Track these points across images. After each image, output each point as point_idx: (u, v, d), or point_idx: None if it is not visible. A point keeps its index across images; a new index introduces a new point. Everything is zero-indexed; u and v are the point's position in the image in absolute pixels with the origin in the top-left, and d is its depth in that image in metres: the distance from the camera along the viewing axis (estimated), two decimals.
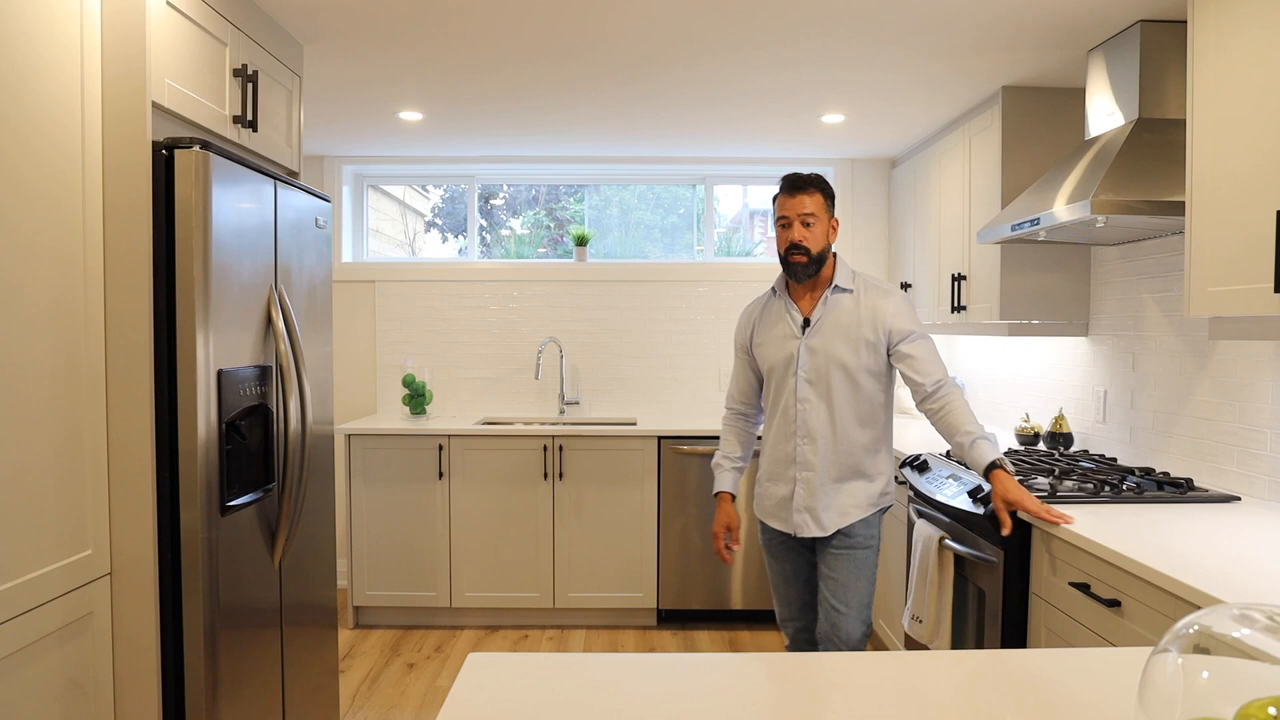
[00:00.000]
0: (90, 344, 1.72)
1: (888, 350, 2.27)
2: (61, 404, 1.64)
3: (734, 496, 2.47)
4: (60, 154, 1.63)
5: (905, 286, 4.10)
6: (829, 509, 2.28)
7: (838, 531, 2.29)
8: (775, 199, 2.34)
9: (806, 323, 2.30)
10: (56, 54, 1.61)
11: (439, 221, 4.87)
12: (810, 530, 2.29)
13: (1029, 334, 3.12)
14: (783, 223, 2.29)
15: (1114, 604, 1.78)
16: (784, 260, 2.30)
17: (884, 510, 2.35)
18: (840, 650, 2.32)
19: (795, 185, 2.28)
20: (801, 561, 2.40)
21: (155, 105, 1.79)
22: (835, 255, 2.34)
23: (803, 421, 2.29)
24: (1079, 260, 3.10)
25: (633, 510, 3.84)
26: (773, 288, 2.42)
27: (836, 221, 2.33)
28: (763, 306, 2.43)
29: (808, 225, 2.25)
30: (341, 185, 4.43)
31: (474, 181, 4.56)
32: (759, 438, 2.47)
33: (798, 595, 2.42)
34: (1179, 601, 1.60)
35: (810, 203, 2.26)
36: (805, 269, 2.27)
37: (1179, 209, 2.17)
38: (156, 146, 1.78)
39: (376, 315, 4.45)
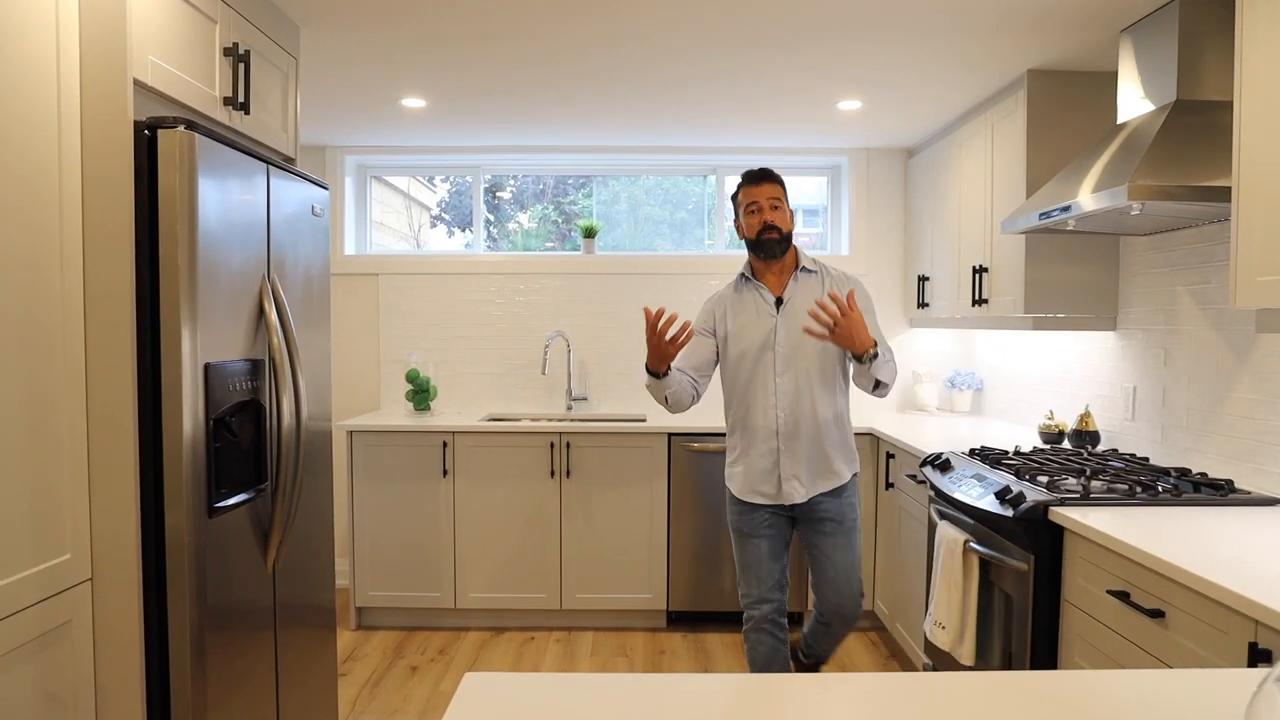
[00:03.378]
0: (69, 336, 1.62)
1: None
2: (38, 400, 1.54)
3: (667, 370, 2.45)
4: (35, 134, 1.53)
5: (923, 279, 3.99)
6: (812, 475, 2.49)
7: (828, 517, 2.51)
8: (738, 193, 2.56)
9: (779, 301, 2.52)
10: (29, 28, 1.51)
11: (445, 216, 4.77)
12: (798, 496, 2.48)
13: (1054, 328, 3.00)
14: (753, 208, 2.51)
15: (1157, 614, 1.67)
16: (756, 241, 2.50)
17: (857, 480, 2.58)
18: (852, 626, 2.58)
19: (760, 177, 2.52)
20: (780, 541, 2.55)
21: (137, 83, 1.69)
22: (794, 244, 2.57)
23: (782, 392, 2.48)
24: (1107, 251, 2.98)
25: (642, 509, 3.74)
26: (741, 275, 2.59)
27: (793, 212, 2.56)
28: (730, 296, 2.59)
29: (776, 208, 2.50)
30: (344, 176, 4.33)
31: (479, 172, 4.45)
32: (694, 399, 2.57)
33: (773, 573, 2.53)
34: (1231, 614, 1.48)
35: (775, 190, 2.51)
36: (778, 245, 2.50)
37: (1223, 194, 2.05)
38: (139, 126, 1.68)
39: (380, 309, 4.35)
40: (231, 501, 1.90)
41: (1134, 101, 2.48)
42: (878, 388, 2.43)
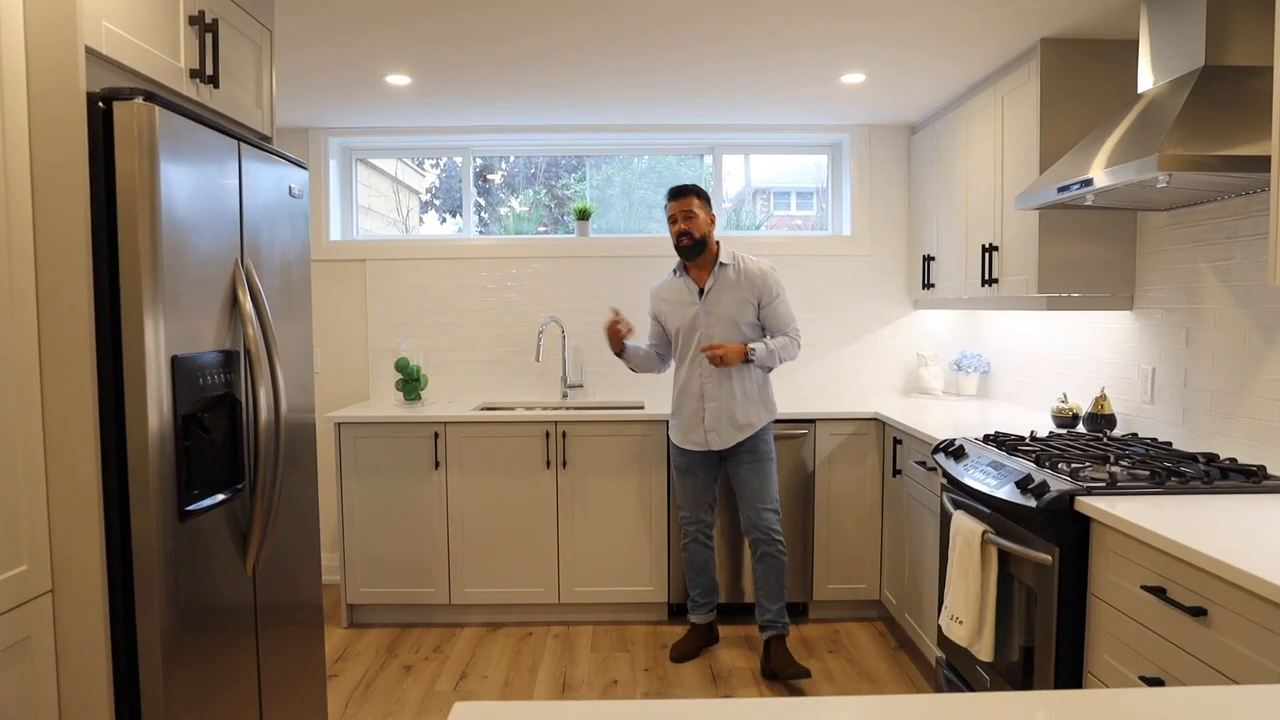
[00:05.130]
0: (19, 329, 1.49)
1: (759, 306, 3.12)
2: None
3: (625, 348, 3.23)
4: None
5: (928, 259, 3.86)
6: (729, 428, 3.13)
7: (747, 450, 3.16)
8: (665, 205, 3.15)
9: (701, 291, 3.13)
10: None
11: (436, 202, 4.62)
12: (715, 444, 3.15)
13: (1068, 308, 2.89)
14: (671, 219, 3.12)
15: (1199, 613, 1.56)
16: (677, 245, 3.12)
17: (770, 425, 3.22)
18: (771, 537, 3.16)
19: (677, 193, 3.12)
20: (709, 476, 3.26)
21: (90, 51, 1.55)
22: (719, 243, 3.17)
23: (706, 366, 3.11)
24: (1123, 227, 2.86)
25: (641, 499, 3.62)
26: (674, 270, 3.23)
27: (713, 216, 3.15)
28: (666, 285, 3.26)
29: (690, 218, 3.08)
30: (328, 159, 4.18)
31: (469, 153, 4.31)
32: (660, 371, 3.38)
33: (705, 499, 3.27)
34: None
35: (689, 203, 3.09)
36: (692, 249, 3.11)
37: (1259, 164, 1.93)
38: (92, 98, 1.54)
39: (368, 296, 4.21)
40: (205, 503, 1.77)
41: (1156, 69, 2.35)
42: (780, 362, 3.15)
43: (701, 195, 3.12)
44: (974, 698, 1.02)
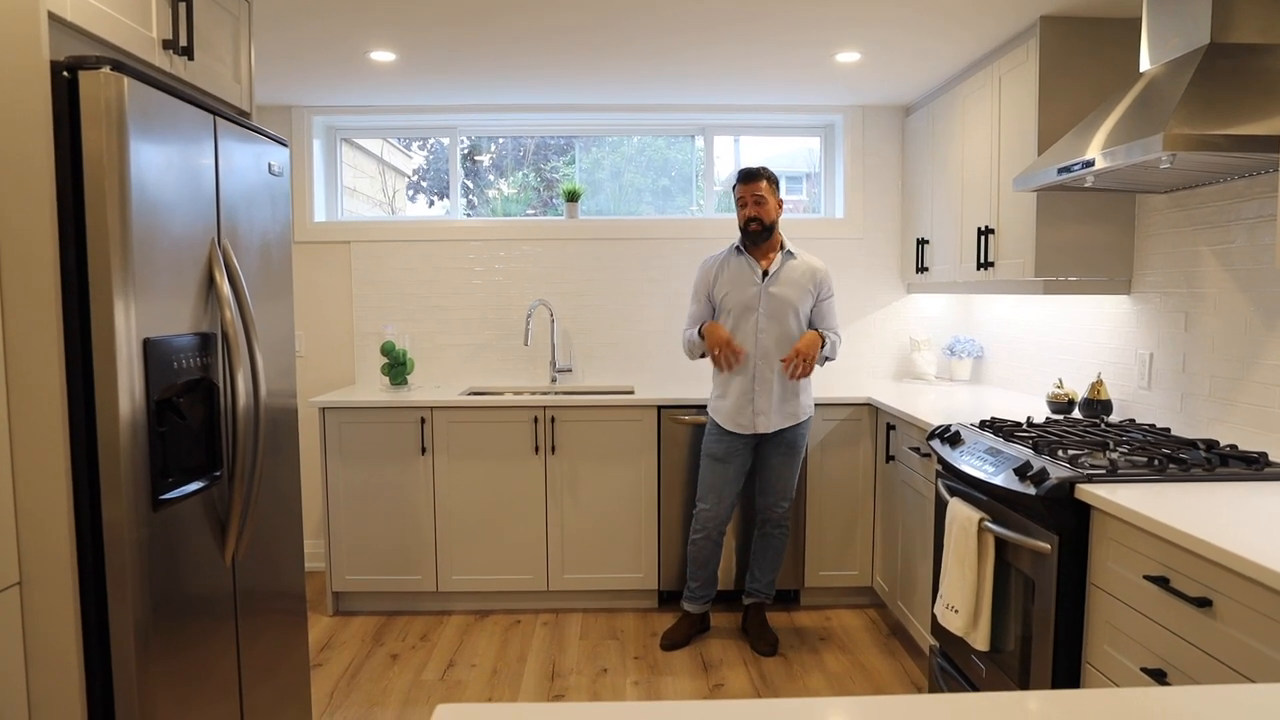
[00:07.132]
0: None
1: (816, 299, 3.15)
2: None
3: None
4: None
5: (922, 243, 3.81)
6: (779, 413, 3.13)
7: (785, 442, 3.18)
8: (734, 187, 3.13)
9: (765, 274, 3.11)
10: None
11: (424, 184, 4.53)
12: (763, 427, 3.12)
13: (1065, 292, 2.84)
14: (741, 202, 3.11)
15: (1203, 603, 1.53)
16: (745, 229, 3.11)
17: (810, 421, 3.25)
18: (782, 525, 3.28)
19: (748, 176, 3.09)
20: (743, 466, 3.20)
21: (53, 17, 1.47)
22: (780, 231, 3.16)
23: (760, 345, 3.10)
24: (1122, 210, 2.82)
25: (631, 485, 3.58)
26: (735, 248, 3.16)
27: (781, 201, 3.13)
28: (723, 261, 3.18)
29: (760, 203, 3.06)
30: (311, 138, 4.08)
31: (456, 134, 4.22)
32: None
33: (731, 495, 3.20)
34: None
35: (760, 187, 3.07)
36: (760, 234, 3.09)
37: (1268, 144, 1.88)
38: (56, 67, 1.46)
39: (353, 279, 4.13)
40: (181, 492, 1.71)
41: (1159, 47, 2.30)
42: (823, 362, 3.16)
43: (771, 180, 3.10)
44: (978, 698, 0.98)
